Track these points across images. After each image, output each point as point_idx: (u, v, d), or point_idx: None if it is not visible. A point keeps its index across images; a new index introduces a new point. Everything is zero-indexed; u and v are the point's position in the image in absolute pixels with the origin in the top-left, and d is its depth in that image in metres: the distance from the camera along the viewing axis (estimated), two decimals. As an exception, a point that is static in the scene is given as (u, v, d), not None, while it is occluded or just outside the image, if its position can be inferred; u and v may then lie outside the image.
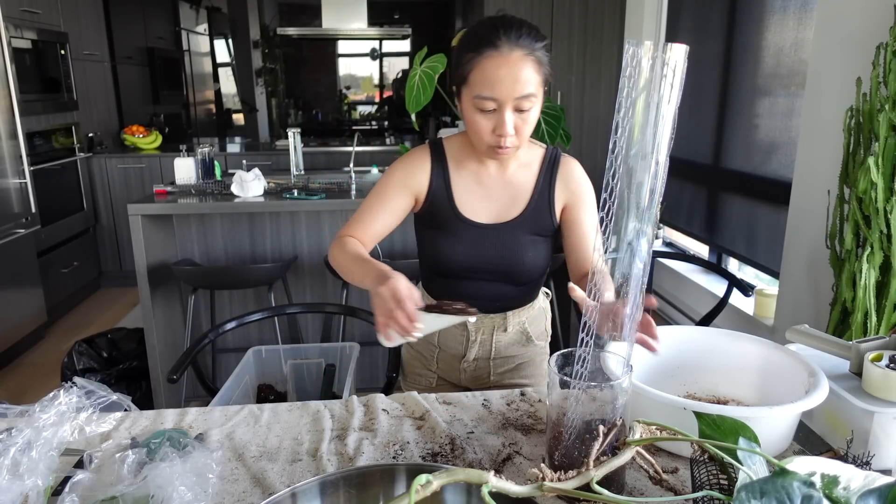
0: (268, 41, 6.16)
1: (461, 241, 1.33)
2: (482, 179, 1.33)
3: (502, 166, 1.33)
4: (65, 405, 0.89)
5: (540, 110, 1.21)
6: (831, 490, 0.66)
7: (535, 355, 1.47)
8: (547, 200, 1.32)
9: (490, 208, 1.33)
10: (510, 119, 1.16)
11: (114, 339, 2.83)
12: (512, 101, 1.15)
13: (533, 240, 1.33)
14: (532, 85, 1.15)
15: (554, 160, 1.33)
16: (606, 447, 0.77)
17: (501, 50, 1.13)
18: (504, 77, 1.13)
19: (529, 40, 1.15)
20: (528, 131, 1.20)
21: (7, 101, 3.44)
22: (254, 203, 2.68)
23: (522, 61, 1.14)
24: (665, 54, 0.78)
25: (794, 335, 1.08)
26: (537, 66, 1.15)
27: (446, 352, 1.44)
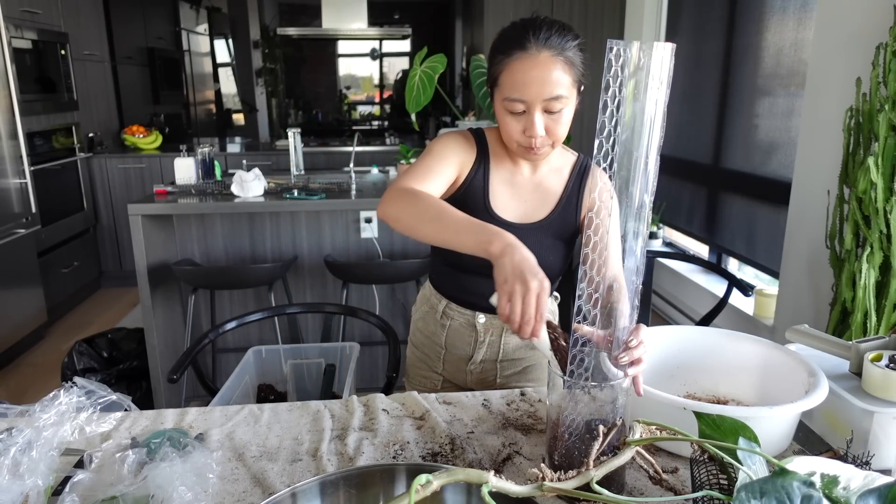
0: (268, 41, 6.15)
1: None
2: (515, 179, 1.33)
3: (534, 168, 1.32)
4: (65, 405, 0.89)
5: (574, 110, 1.19)
6: (831, 490, 0.66)
7: (542, 358, 1.45)
8: (574, 206, 1.32)
9: (518, 208, 1.33)
10: (539, 120, 1.15)
11: (114, 339, 2.83)
12: (541, 102, 1.14)
13: (555, 243, 1.33)
14: (562, 86, 1.13)
15: (585, 168, 1.33)
16: (606, 447, 0.77)
17: (530, 51, 1.12)
18: (533, 79, 1.12)
19: (559, 40, 1.13)
20: (561, 132, 1.18)
21: (7, 101, 3.44)
22: (254, 203, 2.68)
23: (551, 62, 1.12)
24: (651, 53, 0.79)
25: (794, 335, 1.08)
26: (567, 67, 1.14)
27: (453, 353, 1.42)
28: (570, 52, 1.14)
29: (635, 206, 0.84)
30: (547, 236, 1.32)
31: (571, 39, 1.15)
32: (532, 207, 1.32)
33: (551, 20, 1.16)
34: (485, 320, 1.37)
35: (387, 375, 1.58)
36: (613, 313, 0.97)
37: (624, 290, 1.00)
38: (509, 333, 1.38)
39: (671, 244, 4.15)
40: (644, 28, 4.14)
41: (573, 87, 1.16)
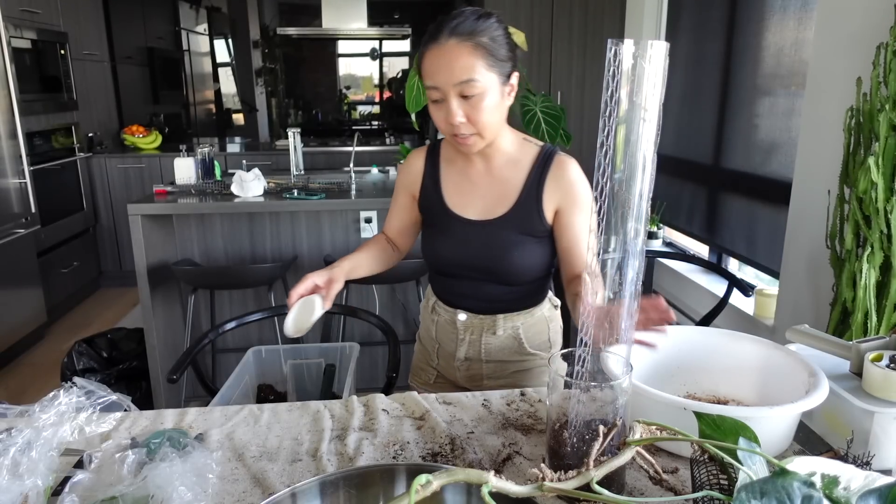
0: (268, 41, 6.15)
1: (450, 237, 1.35)
2: (470, 175, 1.34)
3: (488, 162, 1.33)
4: (65, 405, 0.89)
5: (501, 97, 1.21)
6: (831, 490, 0.66)
7: (533, 366, 1.42)
8: (535, 199, 1.29)
9: (478, 204, 1.33)
10: (456, 106, 1.18)
11: (114, 339, 2.83)
12: (452, 87, 1.17)
13: (521, 239, 1.31)
14: (472, 71, 1.15)
15: (547, 159, 1.30)
16: (606, 447, 0.77)
17: (439, 41, 1.17)
18: (441, 65, 1.16)
19: (470, 26, 1.16)
20: (485, 119, 1.19)
21: (7, 101, 3.44)
22: (254, 203, 2.68)
23: (458, 48, 1.15)
24: (647, 52, 0.79)
25: (794, 335, 1.08)
26: (479, 52, 1.16)
27: (444, 348, 1.45)
28: (484, 37, 1.16)
29: (634, 205, 0.84)
30: (511, 232, 1.31)
31: (488, 26, 1.17)
32: (491, 202, 1.32)
33: (472, 10, 1.20)
34: (465, 318, 1.39)
35: (387, 375, 1.58)
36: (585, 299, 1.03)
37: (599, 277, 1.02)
38: (489, 334, 1.38)
39: (671, 244, 4.15)
40: (644, 28, 4.14)
41: (489, 72, 1.17)
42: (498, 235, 1.31)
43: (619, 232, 0.85)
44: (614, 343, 0.94)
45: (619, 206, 0.84)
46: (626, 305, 0.88)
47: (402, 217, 1.45)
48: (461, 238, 1.33)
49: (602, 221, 0.83)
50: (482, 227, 1.32)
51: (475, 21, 1.17)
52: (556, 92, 4.51)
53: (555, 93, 4.51)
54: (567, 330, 1.59)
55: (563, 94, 4.52)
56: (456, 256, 1.35)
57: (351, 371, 1.75)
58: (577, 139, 4.48)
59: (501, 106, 1.22)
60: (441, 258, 1.37)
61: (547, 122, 3.16)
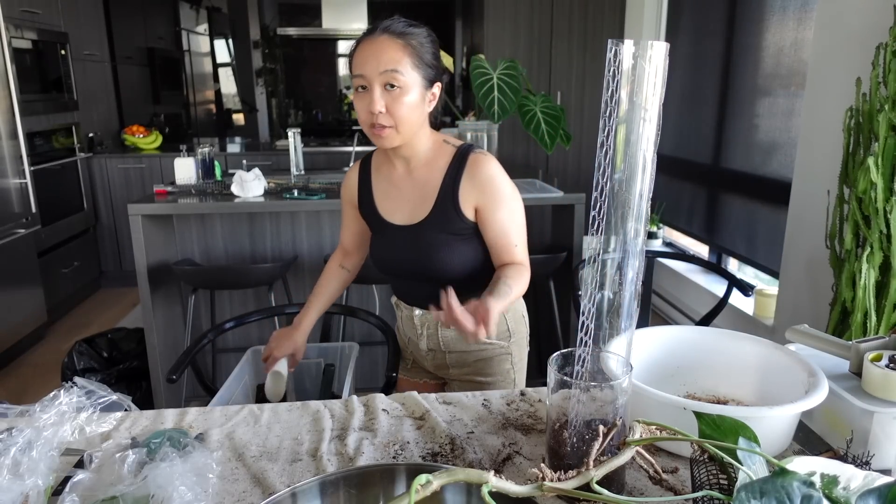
0: (268, 41, 6.15)
1: (384, 241, 1.44)
2: (393, 180, 1.40)
3: (408, 165, 1.38)
4: (65, 405, 0.89)
5: (421, 99, 1.27)
6: (831, 490, 0.66)
7: (493, 354, 1.48)
8: (451, 200, 1.33)
9: (403, 209, 1.39)
10: (378, 95, 1.23)
11: (114, 339, 2.83)
12: (378, 76, 1.22)
13: (445, 239, 1.35)
14: (397, 63, 1.22)
15: (461, 159, 1.34)
16: (606, 447, 0.77)
17: (372, 35, 1.25)
18: (369, 55, 1.23)
19: (401, 28, 1.25)
20: (403, 113, 1.25)
21: (7, 101, 3.44)
22: (254, 203, 2.68)
23: (387, 42, 1.23)
24: (647, 52, 0.79)
25: (793, 335, 1.08)
26: (406, 49, 1.24)
27: (411, 340, 1.54)
28: (413, 41, 1.25)
29: (634, 205, 0.84)
30: (435, 233, 1.35)
31: (418, 33, 1.27)
32: (414, 207, 1.38)
33: (406, 21, 1.28)
34: (420, 314, 1.48)
35: (386, 375, 1.58)
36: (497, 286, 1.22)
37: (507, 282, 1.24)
38: (444, 328, 1.46)
39: (671, 244, 4.15)
40: (644, 28, 4.14)
41: (413, 71, 1.24)
42: (422, 238, 1.36)
43: (619, 232, 0.85)
44: (473, 336, 1.09)
45: (619, 206, 0.84)
46: (626, 306, 0.88)
47: (353, 229, 1.55)
48: (393, 242, 1.42)
49: (602, 221, 0.83)
50: (409, 231, 1.38)
51: (407, 26, 1.26)
52: (556, 92, 4.52)
53: (555, 93, 4.51)
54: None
55: (563, 94, 4.52)
56: (391, 260, 1.44)
57: (350, 371, 1.75)
58: (577, 139, 4.48)
59: (420, 108, 1.28)
60: (379, 261, 1.47)
61: (547, 122, 3.17)
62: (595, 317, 0.87)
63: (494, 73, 3.09)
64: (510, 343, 1.48)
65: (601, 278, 0.89)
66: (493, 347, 1.47)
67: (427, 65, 1.27)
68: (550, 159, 4.58)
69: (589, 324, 0.87)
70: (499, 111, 3.05)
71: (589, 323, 0.87)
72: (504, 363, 1.48)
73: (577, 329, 0.88)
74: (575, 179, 4.60)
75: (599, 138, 0.81)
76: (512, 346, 1.49)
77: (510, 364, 1.49)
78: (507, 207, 1.33)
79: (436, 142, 1.37)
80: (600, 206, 0.82)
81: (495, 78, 3.08)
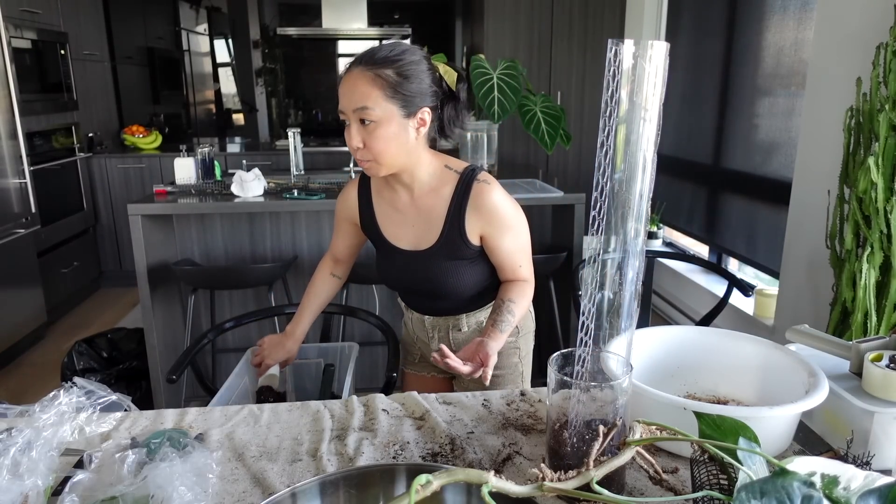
0: (268, 41, 6.15)
1: (391, 263, 1.45)
2: (397, 205, 1.41)
3: (411, 192, 1.38)
4: (65, 405, 0.89)
5: (401, 129, 1.25)
6: (831, 490, 0.66)
7: (502, 349, 1.49)
8: (458, 229, 1.35)
9: (409, 234, 1.40)
10: (355, 131, 1.26)
11: (114, 339, 2.83)
12: (351, 112, 1.25)
13: (454, 265, 1.38)
14: (368, 98, 1.22)
15: (465, 188, 1.34)
16: (606, 447, 0.77)
17: (350, 69, 1.26)
18: (345, 91, 1.25)
19: (379, 57, 1.24)
20: (379, 148, 1.25)
21: (7, 101, 3.44)
22: (254, 203, 2.68)
23: (359, 76, 1.23)
24: (647, 52, 0.79)
25: (794, 335, 1.08)
26: (378, 82, 1.22)
27: (420, 339, 1.57)
28: (389, 70, 1.23)
29: (634, 205, 0.84)
30: (442, 260, 1.38)
31: (399, 61, 1.24)
32: (420, 232, 1.39)
33: (393, 45, 1.27)
34: (430, 319, 1.51)
35: (387, 375, 1.58)
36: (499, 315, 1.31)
37: (510, 308, 1.33)
38: (455, 331, 1.48)
39: (671, 244, 4.15)
40: (644, 28, 4.14)
41: (387, 103, 1.23)
42: (431, 264, 1.38)
43: (619, 232, 0.85)
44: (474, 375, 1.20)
45: (619, 206, 0.84)
46: (626, 306, 0.88)
47: (347, 242, 1.56)
48: (400, 265, 1.43)
49: (602, 221, 0.83)
50: (416, 257, 1.40)
51: (388, 54, 1.24)
52: (556, 92, 4.51)
53: (555, 93, 4.51)
54: (564, 320, 1.63)
55: (563, 94, 4.52)
56: (399, 280, 1.47)
57: (350, 371, 1.75)
58: (577, 139, 4.48)
59: (401, 138, 1.26)
60: (387, 280, 1.50)
61: (547, 122, 3.17)
62: (595, 317, 0.87)
63: (494, 73, 3.09)
64: (518, 338, 1.52)
65: (601, 278, 0.89)
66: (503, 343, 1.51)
67: (406, 93, 1.24)
68: (550, 159, 4.58)
69: (589, 324, 0.87)
70: (499, 111, 3.05)
71: (589, 323, 0.87)
72: (512, 357, 1.52)
73: (577, 329, 0.87)
74: (575, 179, 4.60)
75: (599, 138, 0.81)
76: (520, 341, 1.53)
77: (518, 358, 1.54)
78: (512, 234, 1.36)
79: (437, 167, 1.37)
80: (600, 206, 0.82)
81: (495, 78, 3.08)
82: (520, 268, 1.39)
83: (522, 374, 1.56)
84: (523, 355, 1.55)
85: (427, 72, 1.27)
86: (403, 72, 1.24)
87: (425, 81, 1.26)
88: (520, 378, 1.55)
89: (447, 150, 1.60)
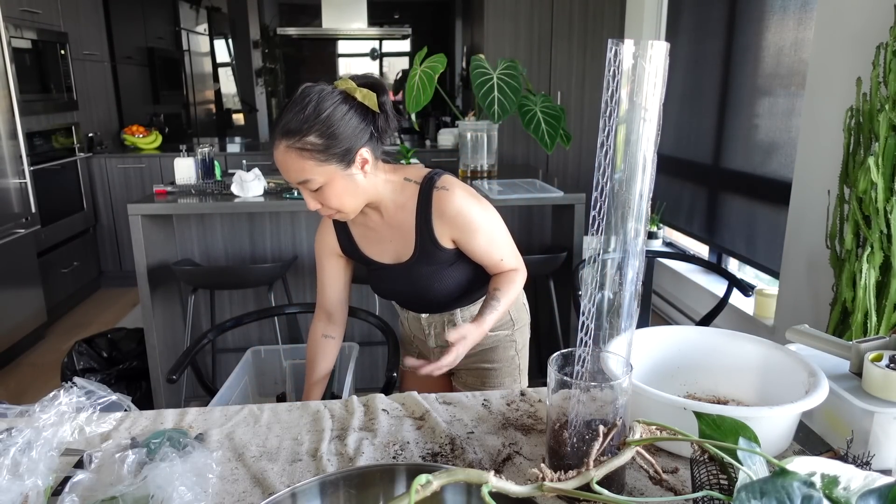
0: (268, 41, 6.15)
1: (380, 279, 1.47)
2: (370, 225, 1.42)
3: (380, 212, 1.39)
4: (65, 405, 0.89)
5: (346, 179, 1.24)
6: (831, 490, 0.66)
7: (498, 342, 1.54)
8: (430, 239, 1.36)
9: (388, 250, 1.42)
10: (307, 197, 1.26)
11: (114, 339, 2.83)
12: (296, 183, 1.24)
13: (436, 270, 1.40)
14: (304, 172, 1.21)
15: (426, 198, 1.34)
16: (606, 447, 0.77)
17: (275, 142, 1.22)
18: (281, 167, 1.23)
19: (296, 125, 1.18)
20: (338, 203, 1.27)
21: (7, 101, 3.44)
22: (254, 203, 2.68)
23: (286, 153, 1.20)
24: (647, 52, 0.79)
25: (794, 335, 1.08)
26: (304, 153, 1.19)
27: (417, 336, 1.59)
28: (311, 135, 1.18)
29: (634, 205, 0.84)
30: (424, 268, 1.40)
31: (315, 119, 1.18)
32: (398, 247, 1.41)
33: (300, 104, 1.19)
34: (427, 316, 1.52)
35: (387, 375, 1.58)
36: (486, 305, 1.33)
37: (496, 296, 1.34)
38: (451, 326, 1.50)
39: (671, 244, 4.15)
40: (644, 28, 4.14)
41: (323, 166, 1.21)
42: (414, 274, 1.40)
43: (619, 232, 0.85)
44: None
45: (619, 206, 0.84)
46: (626, 306, 0.88)
47: (335, 286, 1.52)
48: (387, 279, 1.47)
49: (602, 221, 0.83)
50: (399, 270, 1.42)
51: (305, 119, 1.18)
52: (556, 92, 4.51)
53: (555, 93, 4.51)
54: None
55: (563, 94, 4.52)
56: (389, 291, 1.50)
57: (350, 371, 1.75)
58: (577, 139, 4.48)
59: (350, 186, 1.26)
60: (380, 293, 1.53)
61: (547, 122, 3.17)
62: (595, 317, 0.87)
63: (494, 73, 3.09)
64: (514, 331, 1.54)
65: (601, 278, 0.89)
66: (498, 336, 1.53)
67: (338, 150, 1.21)
68: (550, 159, 4.58)
69: (589, 324, 0.87)
70: (499, 111, 3.05)
71: (589, 323, 0.87)
72: (509, 350, 1.55)
73: (577, 329, 0.87)
74: (575, 179, 4.60)
75: (599, 138, 0.81)
76: (515, 334, 1.55)
77: (514, 351, 1.56)
78: (482, 232, 1.35)
79: (397, 183, 1.35)
80: (600, 206, 0.82)
81: (495, 78, 3.08)
82: (501, 261, 1.39)
83: (520, 366, 1.57)
84: (520, 348, 1.57)
85: (348, 114, 1.21)
86: (326, 132, 1.19)
87: (350, 125, 1.22)
88: (517, 371, 1.57)
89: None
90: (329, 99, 1.20)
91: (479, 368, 1.55)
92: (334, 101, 1.20)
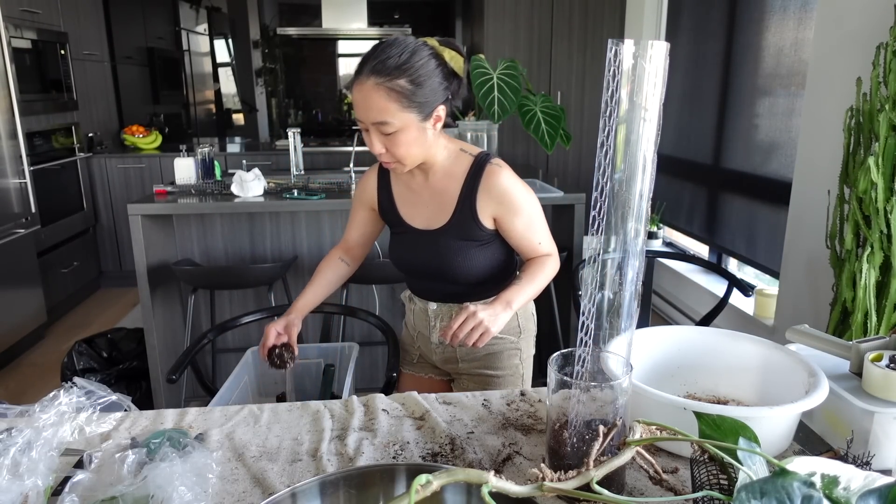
0: (268, 41, 6.15)
1: (404, 242, 1.46)
2: (412, 186, 1.43)
3: (427, 175, 1.41)
4: (65, 405, 0.89)
5: (419, 132, 1.27)
6: (831, 490, 0.66)
7: (502, 349, 1.51)
8: (470, 210, 1.37)
9: (423, 214, 1.43)
10: (375, 139, 1.27)
11: (114, 339, 2.83)
12: (371, 124, 1.25)
13: (464, 245, 1.39)
14: (386, 113, 1.22)
15: (478, 171, 1.37)
16: (606, 447, 0.77)
17: (360, 77, 1.23)
18: (360, 103, 1.24)
19: (391, 65, 1.21)
20: (404, 153, 1.28)
21: (7, 101, 3.44)
22: (254, 203, 2.68)
23: (374, 90, 1.21)
24: (647, 52, 0.79)
25: (794, 335, 1.08)
26: (394, 95, 1.21)
27: (421, 333, 1.57)
28: (402, 79, 1.21)
29: (634, 205, 0.84)
30: (453, 240, 1.40)
31: (410, 66, 1.22)
32: (433, 213, 1.41)
33: (400, 47, 1.23)
34: (435, 307, 1.51)
35: (387, 375, 1.58)
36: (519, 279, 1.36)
37: (532, 270, 1.38)
38: None
39: (671, 244, 4.15)
40: (644, 28, 4.14)
41: (405, 112, 1.23)
42: (441, 243, 1.40)
43: (619, 232, 0.85)
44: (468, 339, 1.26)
45: (619, 206, 0.84)
46: (626, 306, 0.88)
47: (362, 230, 1.57)
48: (412, 244, 1.45)
49: (602, 221, 0.83)
50: (428, 236, 1.42)
51: (398, 59, 1.21)
52: (556, 92, 4.51)
53: (555, 93, 4.51)
54: (564, 320, 1.63)
55: (563, 94, 4.52)
56: (411, 260, 1.48)
57: (350, 371, 1.75)
58: (577, 139, 4.48)
59: (421, 138, 1.29)
60: (399, 260, 1.51)
61: (547, 122, 3.17)
62: (595, 317, 0.87)
63: (494, 73, 3.09)
64: (519, 339, 1.53)
65: (601, 278, 0.89)
66: (504, 342, 1.51)
67: (421, 101, 1.24)
68: (550, 159, 4.58)
69: (589, 324, 0.87)
70: (499, 111, 3.05)
71: (589, 323, 0.87)
72: (513, 358, 1.53)
73: (577, 329, 0.88)
74: (575, 179, 4.60)
75: (599, 138, 0.81)
76: (521, 342, 1.53)
77: (519, 360, 1.54)
78: (524, 214, 1.38)
79: (452, 151, 1.39)
80: (600, 206, 0.82)
81: (495, 78, 3.08)
82: (539, 245, 1.41)
83: (523, 376, 1.55)
84: (524, 357, 1.55)
85: (437, 70, 1.26)
86: (416, 79, 1.23)
87: (437, 81, 1.26)
88: (520, 380, 1.55)
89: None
90: (424, 50, 1.25)
91: (482, 375, 1.52)
92: (429, 53, 1.25)
